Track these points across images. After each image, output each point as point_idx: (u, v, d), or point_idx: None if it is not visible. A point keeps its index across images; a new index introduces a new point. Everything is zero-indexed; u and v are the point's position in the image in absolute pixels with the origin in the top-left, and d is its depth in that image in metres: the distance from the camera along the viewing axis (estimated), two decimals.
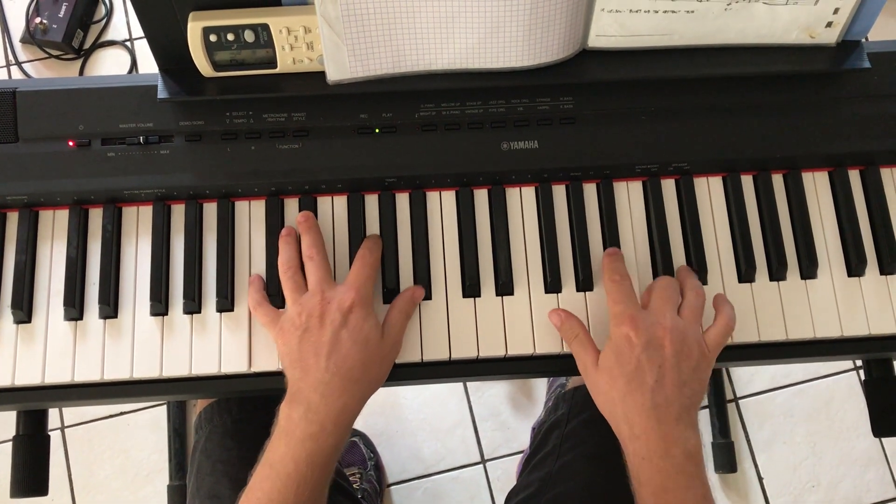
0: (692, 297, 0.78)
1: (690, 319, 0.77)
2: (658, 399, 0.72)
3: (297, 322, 0.77)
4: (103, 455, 1.63)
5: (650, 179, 0.86)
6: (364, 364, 0.76)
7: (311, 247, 0.81)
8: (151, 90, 0.83)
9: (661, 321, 0.75)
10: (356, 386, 0.76)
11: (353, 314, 0.76)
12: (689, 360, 0.74)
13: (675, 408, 0.72)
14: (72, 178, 0.83)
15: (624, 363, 0.74)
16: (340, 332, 0.75)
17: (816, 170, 0.88)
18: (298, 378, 0.75)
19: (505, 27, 0.77)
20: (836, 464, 1.64)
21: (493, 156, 0.84)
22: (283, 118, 0.83)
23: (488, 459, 1.63)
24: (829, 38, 0.84)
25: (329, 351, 0.75)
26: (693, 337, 0.75)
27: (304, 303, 0.78)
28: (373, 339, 0.77)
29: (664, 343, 0.74)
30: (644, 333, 0.74)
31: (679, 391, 0.73)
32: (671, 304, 0.76)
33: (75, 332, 0.82)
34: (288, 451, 0.74)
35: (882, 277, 0.85)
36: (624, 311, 0.76)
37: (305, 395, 0.74)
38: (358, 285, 0.78)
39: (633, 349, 0.74)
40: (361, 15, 0.76)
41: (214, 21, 0.76)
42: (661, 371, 0.73)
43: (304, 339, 0.76)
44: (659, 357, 0.73)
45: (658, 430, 0.71)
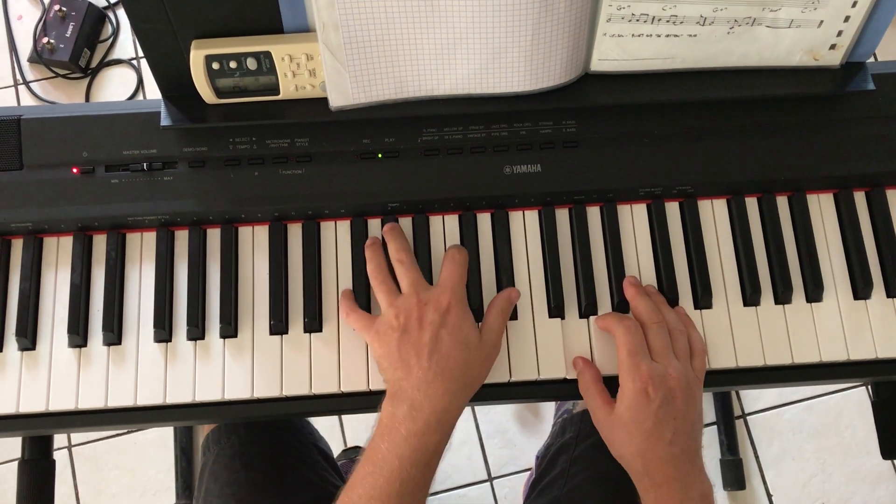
0: (678, 335, 0.79)
1: (685, 359, 0.78)
2: (675, 450, 0.73)
3: (394, 324, 0.76)
4: (110, 474, 1.64)
5: (654, 202, 0.86)
6: (465, 364, 0.76)
7: (399, 250, 0.81)
8: (154, 117, 0.83)
9: (669, 372, 0.75)
10: (457, 385, 0.75)
11: (451, 314, 0.76)
12: (693, 403, 0.76)
13: (690, 453, 0.74)
14: (76, 205, 0.83)
15: (641, 419, 0.74)
16: (440, 332, 0.75)
17: (821, 192, 0.87)
18: (400, 378, 0.75)
19: (507, 53, 0.77)
20: (846, 481, 1.63)
21: (495, 180, 0.84)
22: (286, 144, 0.84)
23: (495, 477, 1.63)
24: (832, 60, 0.83)
25: (430, 351, 0.75)
26: (692, 378, 0.77)
27: (400, 305, 0.77)
28: (472, 340, 0.77)
29: (676, 395, 0.75)
30: (660, 389, 0.74)
31: (690, 436, 0.75)
32: (670, 349, 0.78)
33: (79, 359, 0.82)
34: (392, 447, 0.73)
35: (889, 300, 0.84)
36: (640, 365, 0.76)
37: (408, 394, 0.74)
38: (452, 285, 0.78)
39: (650, 405, 0.74)
40: (363, 42, 0.76)
41: (217, 49, 0.77)
42: (675, 423, 0.74)
43: (404, 340, 0.76)
44: (673, 410, 0.74)
45: (677, 478, 0.73)
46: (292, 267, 0.84)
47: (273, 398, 0.82)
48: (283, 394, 0.81)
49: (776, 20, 0.78)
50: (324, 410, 0.84)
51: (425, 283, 0.80)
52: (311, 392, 0.81)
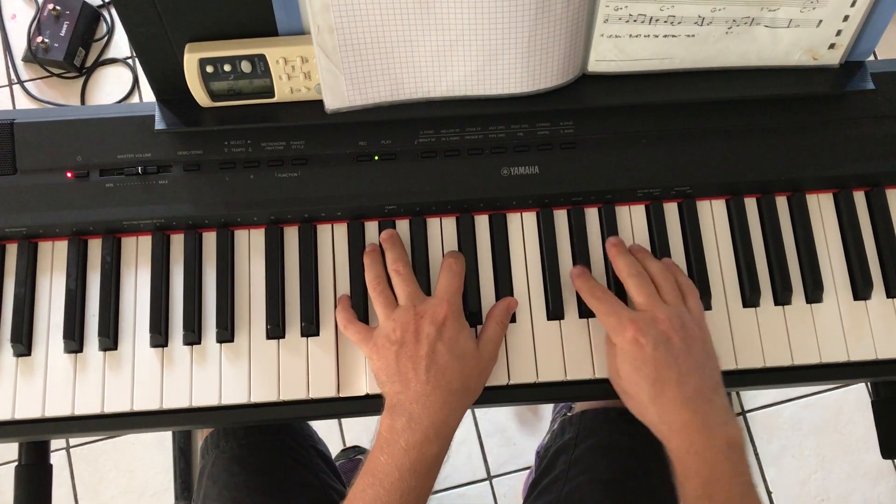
0: (662, 280, 0.79)
1: (675, 302, 0.78)
2: (687, 391, 0.72)
3: (392, 337, 0.77)
4: (108, 475, 1.63)
5: (653, 203, 0.85)
6: (463, 376, 0.76)
7: (396, 261, 0.81)
8: (149, 120, 0.83)
9: (656, 315, 0.75)
10: (455, 397, 0.75)
11: (447, 327, 0.77)
12: (695, 340, 0.75)
13: (706, 392, 0.73)
14: (70, 210, 0.82)
15: (640, 367, 0.74)
16: (437, 345, 0.76)
17: (821, 192, 0.87)
18: (398, 391, 0.75)
19: (503, 54, 0.76)
20: (846, 477, 1.63)
21: (493, 182, 0.83)
22: (281, 147, 0.83)
23: (494, 476, 1.63)
24: (832, 60, 0.83)
25: (428, 364, 0.75)
26: (687, 318, 0.76)
27: (397, 318, 0.78)
28: (469, 351, 0.77)
29: (670, 335, 0.74)
30: (650, 333, 0.74)
31: (701, 374, 0.74)
32: (655, 297, 0.77)
33: (75, 365, 0.82)
34: (391, 460, 0.73)
35: (888, 300, 0.84)
36: (620, 319, 0.76)
37: (407, 407, 0.74)
38: (449, 297, 0.78)
39: (643, 350, 0.74)
40: (358, 44, 0.75)
41: (211, 52, 0.76)
42: (678, 364, 0.73)
43: (401, 354, 0.76)
44: (672, 350, 0.74)
45: (696, 420, 0.72)
46: (289, 271, 0.84)
47: (270, 403, 0.81)
48: (280, 398, 0.81)
49: (775, 20, 0.78)
50: (322, 415, 0.84)
51: (422, 294, 0.80)
52: (308, 396, 0.81)
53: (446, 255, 0.82)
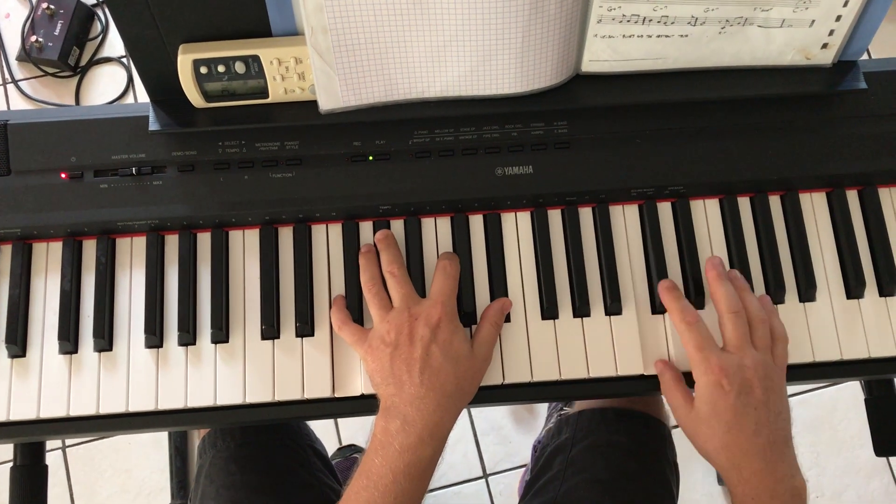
0: (758, 323, 0.78)
1: (764, 348, 0.77)
2: (761, 441, 0.73)
3: (386, 339, 0.77)
4: (105, 474, 1.63)
5: (646, 203, 0.85)
6: (457, 378, 0.76)
7: (391, 263, 0.81)
8: (143, 121, 0.83)
9: (745, 362, 0.74)
10: (450, 400, 0.76)
11: (442, 329, 0.77)
12: (776, 392, 0.75)
13: (779, 446, 0.73)
14: (65, 211, 0.82)
15: (720, 412, 0.73)
16: (431, 348, 0.76)
17: (814, 191, 0.87)
18: (393, 393, 0.75)
19: (497, 55, 0.76)
20: (840, 474, 1.64)
21: (487, 181, 0.83)
22: (275, 147, 0.83)
23: (490, 474, 1.63)
24: (825, 59, 0.83)
25: (422, 367, 0.75)
26: (771, 367, 0.76)
27: (391, 320, 0.78)
28: (463, 354, 0.77)
29: (753, 385, 0.74)
30: (735, 380, 0.73)
31: (775, 426, 0.74)
32: (747, 339, 0.76)
33: (70, 366, 0.82)
34: (385, 462, 0.73)
35: (881, 299, 0.84)
36: (709, 359, 0.75)
37: (401, 409, 0.74)
38: (443, 299, 0.78)
39: (727, 398, 0.73)
40: (352, 45, 0.75)
41: (204, 53, 0.76)
42: (757, 413, 0.73)
43: (396, 356, 0.76)
44: (753, 400, 0.73)
45: (766, 471, 0.72)
46: (283, 271, 0.84)
47: (266, 403, 0.81)
48: (275, 399, 0.81)
49: (768, 20, 0.78)
50: (317, 415, 0.84)
51: (416, 296, 0.80)
52: (303, 397, 0.81)
53: (441, 257, 0.82)
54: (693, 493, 1.61)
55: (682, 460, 1.60)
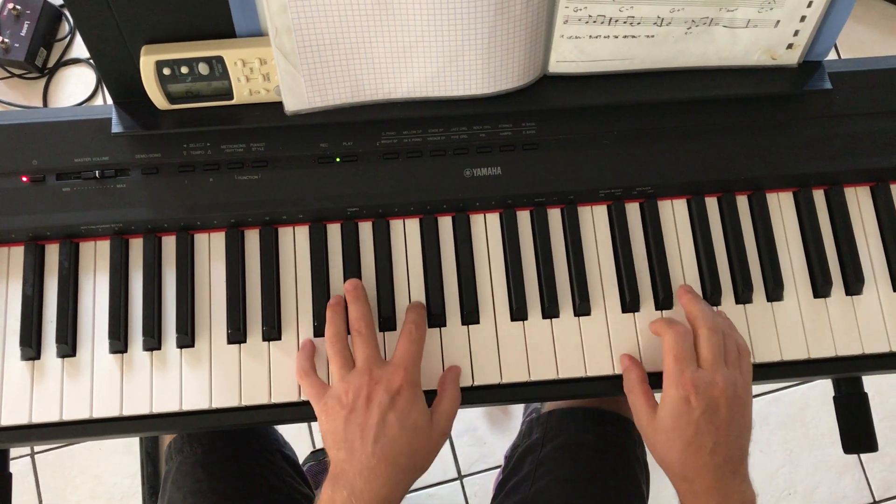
0: (728, 342, 0.78)
1: (734, 365, 0.77)
2: (717, 460, 0.72)
3: (343, 400, 0.74)
4: (75, 480, 1.61)
5: (615, 204, 0.85)
6: (411, 450, 0.74)
7: (359, 320, 0.78)
8: (106, 123, 0.82)
9: (715, 380, 0.74)
10: (401, 474, 0.73)
11: (401, 396, 0.74)
12: (741, 410, 0.75)
13: (733, 463, 0.73)
14: (26, 215, 0.81)
15: (682, 427, 0.73)
16: (388, 415, 0.73)
17: (781, 190, 0.87)
18: (343, 459, 0.73)
19: (463, 55, 0.76)
20: (812, 471, 1.65)
21: (456, 183, 0.83)
22: (241, 149, 0.82)
23: (465, 475, 1.63)
24: (790, 60, 0.83)
25: (376, 434, 0.72)
26: (740, 386, 0.76)
27: (351, 381, 0.75)
28: (421, 425, 0.75)
29: (720, 404, 0.73)
30: (703, 398, 0.73)
31: (734, 446, 0.74)
32: (721, 357, 0.76)
33: (32, 372, 0.80)
34: None
35: (848, 298, 0.85)
36: (684, 372, 0.74)
37: (350, 479, 0.72)
38: (406, 365, 0.76)
39: (691, 413, 0.73)
40: (318, 46, 0.74)
41: (167, 54, 0.75)
42: (718, 433, 0.73)
43: (351, 420, 0.73)
44: (716, 420, 0.73)
45: (718, 488, 0.72)
46: (250, 274, 0.83)
47: (233, 408, 0.81)
48: (242, 403, 0.80)
49: (733, 20, 0.78)
50: (285, 419, 0.83)
51: (380, 358, 0.77)
52: (270, 401, 0.80)
53: (408, 319, 0.79)
54: (666, 491, 1.61)
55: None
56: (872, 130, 0.85)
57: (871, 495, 1.65)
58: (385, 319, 0.82)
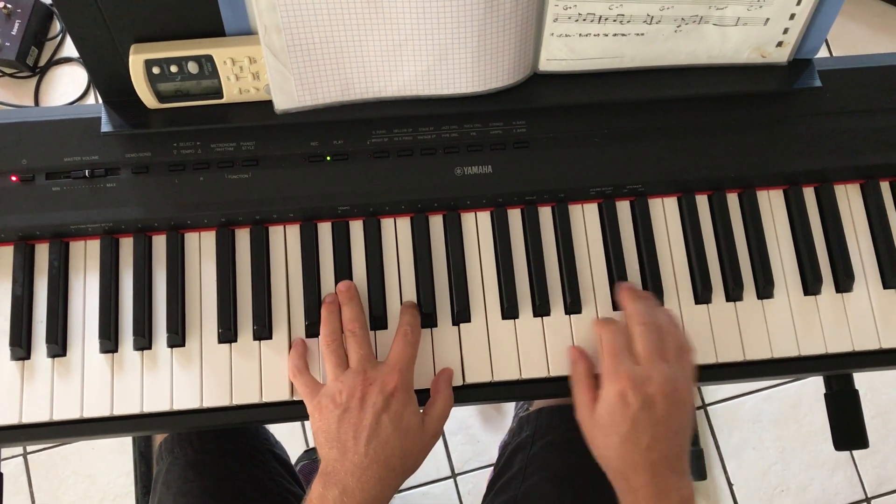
0: (669, 336, 0.78)
1: (674, 361, 0.76)
2: (653, 456, 0.72)
3: (337, 400, 0.74)
4: (67, 481, 1.61)
5: (605, 202, 0.85)
6: (403, 452, 0.74)
7: (352, 321, 0.79)
8: (96, 122, 0.81)
9: (652, 376, 0.74)
10: (392, 474, 0.74)
11: (395, 398, 0.74)
12: (680, 406, 0.74)
13: (671, 458, 0.73)
14: (16, 214, 0.81)
15: (619, 422, 0.73)
16: (381, 417, 0.73)
17: (771, 188, 0.87)
18: (335, 458, 0.73)
19: (453, 54, 0.76)
20: (805, 468, 1.66)
21: (447, 181, 0.83)
22: (231, 148, 0.82)
23: (459, 473, 1.63)
24: (780, 58, 0.84)
25: (369, 435, 0.73)
26: (680, 381, 0.75)
27: (345, 380, 0.75)
28: (413, 427, 0.75)
29: (656, 401, 0.73)
30: (639, 393, 0.73)
31: (672, 443, 0.73)
32: (659, 353, 0.76)
33: (22, 372, 0.80)
34: None
35: (838, 295, 0.85)
36: (619, 367, 0.74)
37: (341, 478, 0.72)
38: (401, 367, 0.76)
39: (628, 409, 0.73)
40: (307, 44, 0.74)
41: (156, 53, 0.75)
42: (655, 429, 0.73)
43: (344, 420, 0.74)
44: (653, 416, 0.73)
45: (654, 484, 0.72)
46: (241, 273, 0.83)
47: (224, 407, 0.80)
48: (233, 403, 0.80)
49: (723, 18, 0.78)
50: (276, 418, 0.82)
51: (374, 359, 0.78)
52: (261, 400, 0.80)
53: (403, 318, 0.80)
54: None
55: None
56: (863, 128, 0.86)
57: (864, 492, 1.66)
58: (376, 318, 0.82)
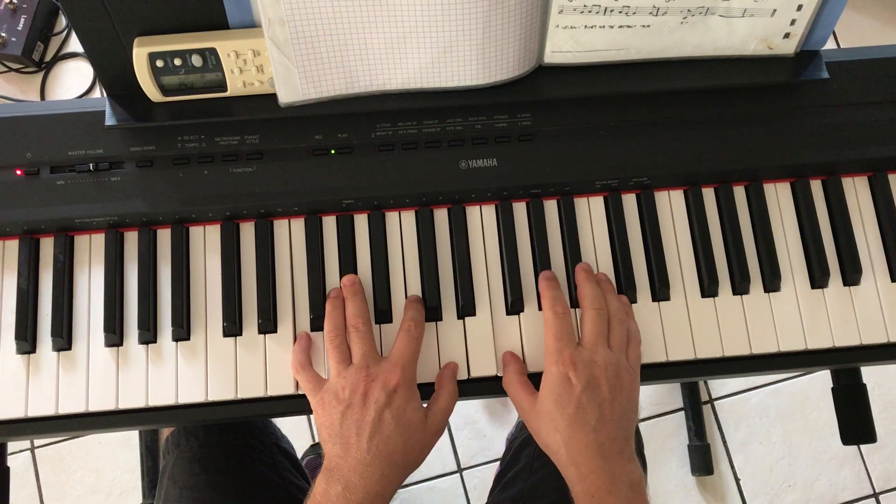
0: (616, 323, 0.78)
1: (619, 348, 0.77)
2: (601, 438, 0.72)
3: (340, 396, 0.75)
4: (75, 475, 1.61)
5: (611, 195, 0.85)
6: (406, 448, 0.74)
7: (356, 316, 0.79)
8: (100, 116, 0.81)
9: (595, 359, 0.75)
10: (395, 470, 0.74)
11: (398, 395, 0.74)
12: (623, 391, 0.75)
13: (618, 442, 0.73)
14: (21, 208, 0.81)
15: (564, 404, 0.73)
16: (384, 413, 0.74)
17: (778, 181, 0.87)
18: (338, 454, 0.73)
19: (458, 46, 0.76)
20: (812, 463, 1.65)
21: (451, 175, 0.83)
22: (235, 141, 0.82)
23: (465, 468, 1.62)
24: (787, 49, 0.83)
25: (372, 432, 0.73)
26: (623, 367, 0.76)
27: (348, 376, 0.75)
28: (415, 423, 0.75)
29: (601, 382, 0.74)
30: (583, 374, 0.74)
31: (619, 425, 0.74)
32: (603, 338, 0.77)
33: (28, 366, 0.80)
34: None
35: (845, 289, 0.84)
36: (563, 350, 0.75)
37: (344, 474, 0.72)
38: (403, 363, 0.76)
39: (572, 390, 0.73)
40: (311, 37, 0.74)
41: (160, 46, 0.75)
42: (601, 410, 0.73)
43: (347, 416, 0.74)
44: (598, 397, 0.73)
45: (604, 468, 0.72)
46: (245, 267, 0.83)
47: (229, 401, 0.80)
48: (238, 396, 0.80)
49: (729, 9, 0.78)
50: (282, 412, 0.82)
51: (377, 355, 0.78)
52: (266, 394, 0.80)
53: (407, 312, 0.80)
54: (666, 485, 1.62)
55: (655, 452, 1.61)
56: (870, 120, 0.85)
57: (871, 487, 1.65)
58: (381, 312, 0.82)
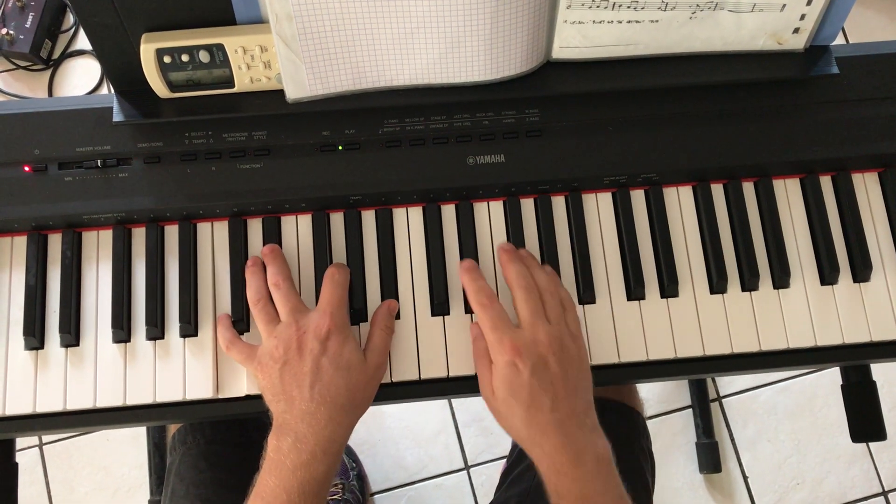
0: (549, 295, 0.78)
1: (557, 319, 0.77)
2: (558, 415, 0.72)
3: (275, 355, 0.75)
4: (83, 472, 1.62)
5: (619, 191, 0.85)
6: (349, 390, 0.74)
7: (276, 275, 0.79)
8: (108, 112, 0.81)
9: (537, 337, 0.75)
10: (342, 413, 0.74)
11: (331, 340, 0.75)
12: (572, 362, 0.75)
13: (578, 414, 0.73)
14: (29, 204, 0.81)
15: (517, 391, 0.73)
16: (321, 360, 0.74)
17: (787, 177, 0.86)
18: (283, 410, 0.74)
19: (466, 42, 0.75)
20: (821, 461, 1.64)
21: (459, 171, 0.82)
22: (243, 137, 0.82)
23: (472, 465, 1.62)
24: (796, 44, 0.83)
25: (312, 381, 0.73)
26: (567, 337, 0.76)
27: (279, 334, 0.76)
28: (355, 364, 0.75)
29: (548, 360, 0.74)
30: (528, 358, 0.73)
31: (576, 397, 0.74)
32: (540, 314, 0.76)
33: (36, 362, 0.80)
34: (279, 482, 0.72)
35: (855, 285, 0.84)
36: (503, 339, 0.75)
37: (292, 427, 0.73)
38: (332, 309, 0.77)
39: (521, 376, 0.73)
40: (319, 32, 0.74)
41: (168, 42, 0.75)
42: (554, 388, 0.73)
43: (285, 372, 0.74)
44: (549, 375, 0.73)
45: (566, 443, 0.72)
46: None
47: (236, 397, 0.80)
48: (245, 392, 0.80)
49: (739, 4, 0.77)
50: None
51: (304, 308, 0.78)
52: None
53: (330, 267, 0.80)
54: (674, 482, 1.61)
55: (663, 449, 1.61)
56: (880, 115, 0.84)
57: (881, 485, 1.64)
58: None
